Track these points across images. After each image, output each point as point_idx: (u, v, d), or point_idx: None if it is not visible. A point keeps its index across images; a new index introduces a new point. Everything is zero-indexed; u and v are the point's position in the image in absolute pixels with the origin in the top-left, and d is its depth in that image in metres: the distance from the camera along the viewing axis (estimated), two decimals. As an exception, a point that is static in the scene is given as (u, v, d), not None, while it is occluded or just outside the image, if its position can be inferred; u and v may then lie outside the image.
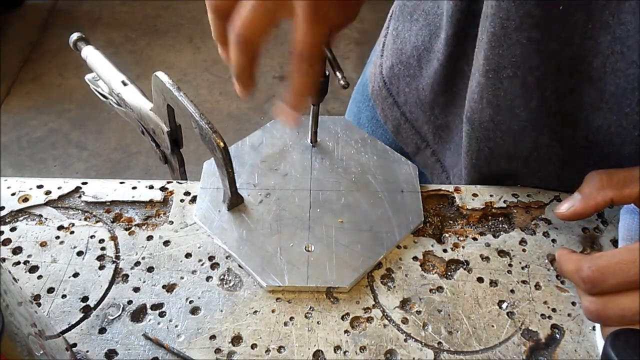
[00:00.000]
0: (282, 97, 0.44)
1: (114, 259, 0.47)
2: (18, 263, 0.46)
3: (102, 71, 0.58)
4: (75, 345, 0.42)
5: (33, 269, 0.46)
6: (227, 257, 0.47)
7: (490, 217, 0.51)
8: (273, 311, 0.44)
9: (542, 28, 0.41)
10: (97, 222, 0.50)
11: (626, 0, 0.38)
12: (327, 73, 0.48)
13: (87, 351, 0.41)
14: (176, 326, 0.43)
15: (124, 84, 0.56)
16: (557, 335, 0.43)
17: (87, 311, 0.44)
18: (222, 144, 0.45)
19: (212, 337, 0.42)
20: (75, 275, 0.46)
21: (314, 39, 0.40)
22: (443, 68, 0.55)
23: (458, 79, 0.55)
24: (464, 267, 0.47)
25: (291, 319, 0.44)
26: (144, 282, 0.46)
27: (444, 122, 0.60)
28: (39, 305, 0.44)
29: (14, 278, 0.34)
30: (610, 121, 0.43)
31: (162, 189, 0.53)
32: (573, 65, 0.42)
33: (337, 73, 0.44)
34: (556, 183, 0.52)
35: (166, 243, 0.48)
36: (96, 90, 0.60)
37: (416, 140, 0.64)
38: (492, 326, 0.43)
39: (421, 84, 0.59)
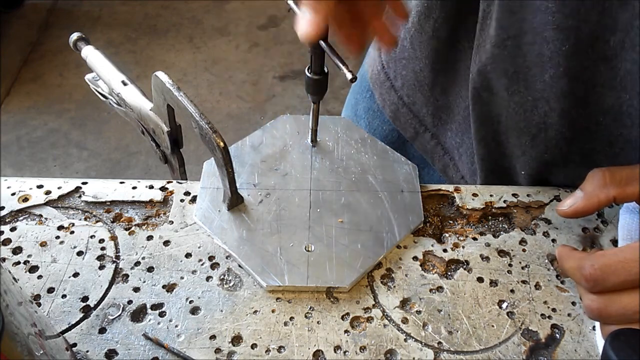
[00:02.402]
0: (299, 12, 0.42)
1: (114, 259, 0.47)
2: (18, 263, 0.46)
3: (102, 71, 0.58)
4: (75, 345, 0.42)
5: (33, 269, 0.46)
6: (227, 257, 0.47)
7: (490, 217, 0.51)
8: (273, 311, 0.44)
9: (558, 0, 0.41)
10: (97, 222, 0.50)
11: None
12: (327, 70, 0.48)
13: (87, 351, 0.41)
14: (176, 326, 0.43)
15: (124, 83, 0.56)
16: (557, 335, 0.43)
17: (87, 311, 0.44)
18: (222, 144, 0.45)
19: (212, 337, 0.42)
20: (75, 275, 0.46)
21: None
22: (443, 46, 0.55)
23: (460, 56, 0.54)
24: (464, 267, 0.47)
25: (291, 318, 0.44)
26: (144, 282, 0.46)
27: (445, 103, 0.59)
28: (39, 305, 0.44)
29: (14, 278, 0.34)
30: (623, 100, 0.43)
31: (162, 189, 0.53)
32: (589, 44, 0.42)
33: (342, 67, 0.43)
34: (561, 167, 0.52)
35: (166, 243, 0.48)
36: (96, 90, 0.60)
37: (414, 124, 0.64)
38: (492, 326, 0.43)
39: (418, 65, 0.59)
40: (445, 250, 0.48)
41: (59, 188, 0.52)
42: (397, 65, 0.62)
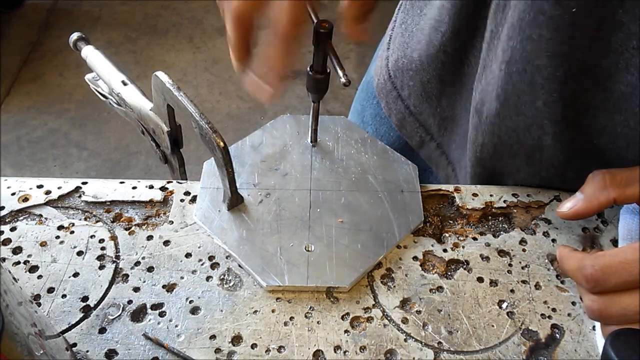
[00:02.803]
0: (254, 69, 0.42)
1: (114, 259, 0.47)
2: (18, 263, 0.46)
3: (102, 71, 0.58)
4: (75, 345, 0.42)
5: (33, 268, 0.46)
6: (227, 257, 0.47)
7: (490, 217, 0.51)
8: (273, 311, 0.44)
9: (552, 28, 0.41)
10: (97, 222, 0.50)
11: None
12: (328, 70, 0.48)
13: (87, 351, 0.41)
14: (176, 326, 0.43)
15: (124, 83, 0.56)
16: (557, 335, 0.43)
17: (87, 311, 0.44)
18: (222, 144, 0.45)
19: (212, 337, 0.42)
20: (75, 275, 0.46)
21: (291, 14, 0.39)
22: (451, 59, 0.55)
23: (467, 70, 0.55)
24: (464, 267, 0.47)
25: (291, 318, 0.44)
26: (144, 282, 0.46)
27: (451, 114, 0.60)
28: (39, 305, 0.44)
29: (14, 278, 0.34)
30: (617, 122, 0.43)
31: (162, 188, 0.53)
32: (581, 69, 0.42)
33: (339, 71, 0.43)
34: (558, 183, 0.52)
35: (166, 243, 0.48)
36: (96, 90, 0.60)
37: (421, 133, 0.64)
38: (492, 326, 0.43)
39: (425, 77, 0.59)
40: (445, 250, 0.48)
41: (59, 188, 0.52)
42: (404, 76, 0.62)
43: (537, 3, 0.40)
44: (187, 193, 0.52)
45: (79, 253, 0.47)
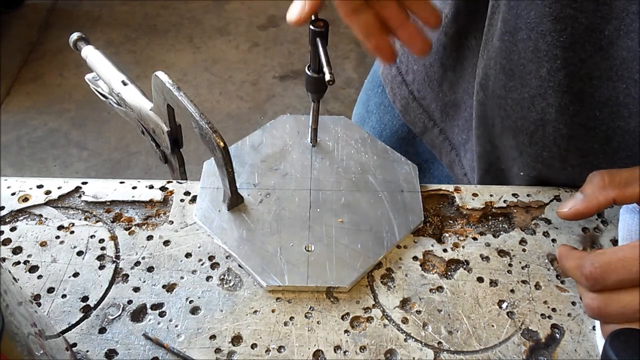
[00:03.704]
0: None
1: (114, 259, 0.47)
2: (18, 263, 0.46)
3: (102, 71, 0.58)
4: (75, 345, 0.42)
5: (33, 268, 0.46)
6: (227, 257, 0.47)
7: (490, 217, 0.51)
8: (273, 311, 0.44)
9: None
10: (97, 221, 0.50)
11: None
12: None
13: (87, 351, 0.41)
14: (176, 326, 0.43)
15: (124, 83, 0.56)
16: (557, 335, 0.43)
17: (87, 311, 0.44)
18: (222, 144, 0.45)
19: (212, 336, 0.42)
20: (75, 275, 0.46)
21: None
22: (452, 42, 0.56)
23: (467, 53, 0.55)
24: (464, 267, 0.47)
25: (291, 318, 0.44)
26: (144, 282, 0.46)
27: (452, 99, 0.60)
28: (39, 305, 0.44)
29: (14, 278, 0.34)
30: (619, 90, 0.43)
31: (162, 188, 0.53)
32: (585, 35, 0.42)
33: (325, 67, 0.44)
34: (559, 166, 0.52)
35: (166, 243, 0.48)
36: (96, 90, 0.60)
37: (424, 119, 0.65)
38: (492, 326, 0.43)
39: (428, 60, 0.59)
40: (445, 250, 0.48)
41: (59, 188, 0.52)
42: (409, 60, 0.63)
43: None
44: (187, 193, 0.52)
45: (79, 253, 0.47)
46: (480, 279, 0.46)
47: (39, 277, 0.45)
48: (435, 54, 0.58)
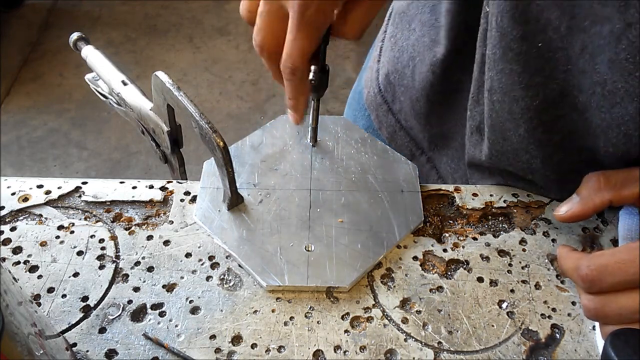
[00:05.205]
0: (285, 101, 0.47)
1: (114, 259, 0.47)
2: (18, 263, 0.46)
3: (102, 71, 0.58)
4: (75, 345, 0.42)
5: (33, 268, 0.46)
6: (227, 257, 0.47)
7: (490, 217, 0.51)
8: (273, 311, 0.44)
9: (522, 63, 0.41)
10: (97, 221, 0.50)
11: (598, 55, 0.38)
12: (328, 67, 0.48)
13: (87, 351, 0.41)
14: (176, 326, 0.43)
15: (124, 83, 0.56)
16: (557, 335, 0.43)
17: (87, 311, 0.44)
18: (222, 144, 0.45)
19: (212, 336, 0.42)
20: (75, 275, 0.46)
21: (298, 51, 0.42)
22: (440, 80, 0.55)
23: (458, 88, 0.54)
24: (464, 266, 0.47)
25: (291, 318, 0.44)
26: (144, 281, 0.46)
27: (440, 131, 0.60)
28: (39, 305, 0.44)
29: (14, 278, 0.35)
30: (599, 146, 0.43)
31: (162, 188, 0.53)
32: (559, 98, 0.42)
33: (312, 66, 0.45)
34: (557, 191, 0.52)
35: (166, 243, 0.48)
36: (96, 90, 0.60)
37: (411, 147, 0.64)
38: (492, 326, 0.43)
39: (414, 95, 0.59)
40: (445, 250, 0.48)
41: (59, 188, 0.52)
42: (396, 91, 0.62)
43: (504, 40, 0.41)
44: (187, 193, 0.52)
45: (79, 253, 0.47)
46: (480, 279, 0.46)
47: (39, 277, 0.45)
48: (421, 90, 0.57)
